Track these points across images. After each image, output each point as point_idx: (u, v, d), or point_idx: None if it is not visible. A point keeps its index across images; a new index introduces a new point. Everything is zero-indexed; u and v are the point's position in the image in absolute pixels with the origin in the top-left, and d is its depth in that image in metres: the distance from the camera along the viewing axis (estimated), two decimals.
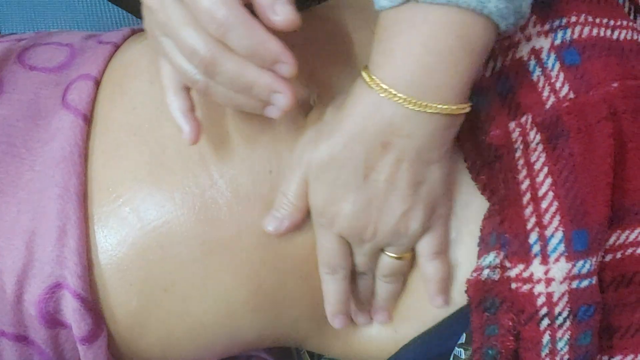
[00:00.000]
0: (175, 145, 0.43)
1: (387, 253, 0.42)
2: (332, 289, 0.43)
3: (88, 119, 0.44)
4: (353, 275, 0.44)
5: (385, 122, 0.37)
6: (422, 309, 0.44)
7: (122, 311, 0.43)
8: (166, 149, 0.43)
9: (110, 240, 0.43)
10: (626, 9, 0.46)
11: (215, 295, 0.43)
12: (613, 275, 0.41)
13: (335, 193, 0.40)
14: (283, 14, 0.35)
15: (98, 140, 0.44)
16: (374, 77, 0.36)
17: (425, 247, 0.42)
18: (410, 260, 0.43)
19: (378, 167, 0.38)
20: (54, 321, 0.43)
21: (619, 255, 0.41)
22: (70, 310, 0.42)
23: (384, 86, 0.36)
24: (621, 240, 0.41)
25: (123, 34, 0.51)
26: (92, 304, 0.42)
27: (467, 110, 0.37)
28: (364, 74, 0.37)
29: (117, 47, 0.50)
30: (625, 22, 0.43)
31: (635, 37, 0.43)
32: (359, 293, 0.45)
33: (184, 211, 0.42)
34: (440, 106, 0.36)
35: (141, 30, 0.54)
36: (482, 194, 0.42)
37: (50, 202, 0.42)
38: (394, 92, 0.36)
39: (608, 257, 0.41)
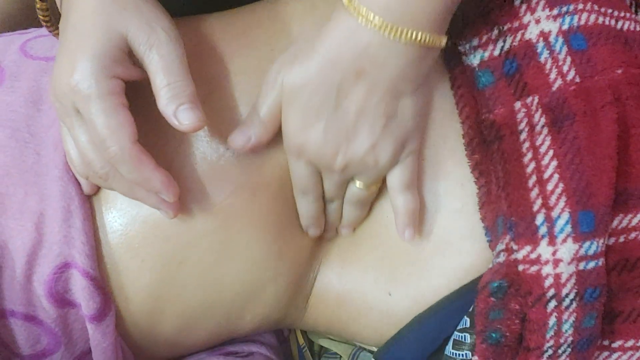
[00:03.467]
0: None
1: (356, 183, 0.43)
2: (305, 209, 0.45)
3: None
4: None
5: (360, 48, 0.37)
6: (421, 280, 0.44)
7: (134, 288, 0.43)
8: (168, 126, 0.43)
9: (120, 220, 0.43)
10: (628, 2, 0.47)
11: (238, 253, 0.44)
12: (616, 259, 0.41)
13: (306, 119, 0.40)
14: (187, 121, 0.39)
15: None
16: (352, 0, 0.37)
17: (395, 180, 0.42)
18: (376, 191, 0.44)
19: (350, 95, 0.38)
20: (63, 301, 0.43)
21: (622, 239, 0.41)
22: (79, 288, 0.42)
23: (362, 9, 0.36)
24: (624, 224, 0.41)
25: None
26: (100, 282, 0.43)
27: (442, 44, 0.38)
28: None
29: None
30: (628, 14, 0.44)
31: (638, 28, 0.44)
32: (328, 215, 0.46)
33: (195, 185, 0.43)
34: (415, 33, 0.36)
35: None
36: (471, 172, 0.43)
37: (53, 184, 0.42)
38: (371, 17, 0.36)
39: (611, 241, 0.41)
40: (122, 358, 0.46)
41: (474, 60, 0.43)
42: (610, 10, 0.43)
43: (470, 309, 0.42)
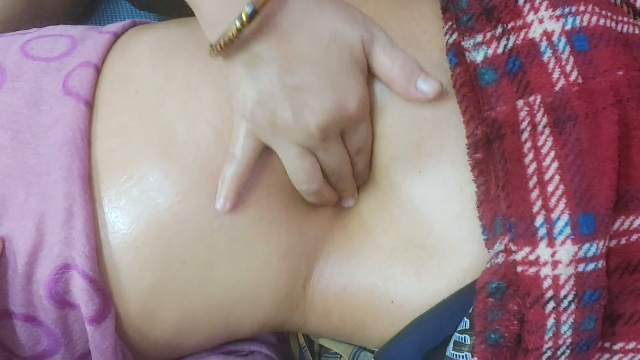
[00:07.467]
0: (185, 124, 0.45)
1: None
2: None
3: (90, 105, 0.46)
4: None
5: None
6: (421, 283, 0.44)
7: (135, 289, 0.44)
8: (176, 130, 0.44)
9: (123, 220, 0.43)
10: (625, 9, 0.47)
11: (240, 255, 0.45)
12: (618, 261, 0.41)
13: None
14: (429, 89, 0.43)
15: (101, 125, 0.45)
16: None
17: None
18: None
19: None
20: (63, 302, 0.43)
21: (623, 241, 0.41)
22: (79, 290, 0.42)
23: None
24: (625, 226, 0.41)
25: (123, 25, 0.53)
26: (100, 283, 0.43)
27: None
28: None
29: (117, 35, 0.51)
30: (626, 19, 0.44)
31: (637, 31, 0.44)
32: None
33: (202, 185, 0.44)
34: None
35: (142, 22, 0.56)
36: (471, 171, 0.43)
37: (56, 185, 0.42)
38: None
39: (612, 243, 0.41)
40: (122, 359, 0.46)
41: (478, 56, 0.43)
42: (610, 13, 0.42)
43: (470, 310, 0.42)
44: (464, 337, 0.43)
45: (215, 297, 0.45)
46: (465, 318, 0.43)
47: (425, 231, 0.44)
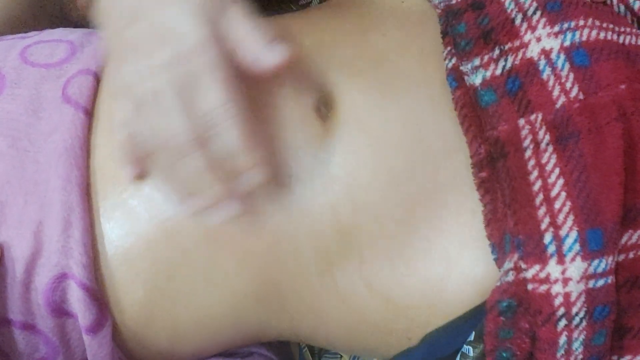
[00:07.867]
0: None
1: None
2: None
3: (89, 113, 0.46)
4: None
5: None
6: (433, 304, 0.43)
7: (129, 301, 0.44)
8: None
9: (117, 232, 0.43)
10: (629, 20, 0.47)
11: (218, 284, 0.44)
12: (626, 276, 0.41)
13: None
14: (277, 57, 0.38)
15: (100, 133, 0.45)
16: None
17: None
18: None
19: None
20: (60, 310, 0.43)
21: (631, 255, 0.41)
22: (76, 299, 0.42)
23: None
24: (633, 240, 0.41)
25: None
26: (97, 293, 0.43)
27: None
28: None
29: None
30: (629, 29, 0.44)
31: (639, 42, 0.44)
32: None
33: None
34: None
35: None
36: (477, 190, 0.43)
37: (54, 193, 0.42)
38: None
39: (621, 257, 0.41)
40: None
41: (476, 79, 0.43)
42: (611, 25, 0.43)
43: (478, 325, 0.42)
44: (468, 348, 0.43)
45: (201, 316, 0.45)
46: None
47: (438, 257, 0.43)
